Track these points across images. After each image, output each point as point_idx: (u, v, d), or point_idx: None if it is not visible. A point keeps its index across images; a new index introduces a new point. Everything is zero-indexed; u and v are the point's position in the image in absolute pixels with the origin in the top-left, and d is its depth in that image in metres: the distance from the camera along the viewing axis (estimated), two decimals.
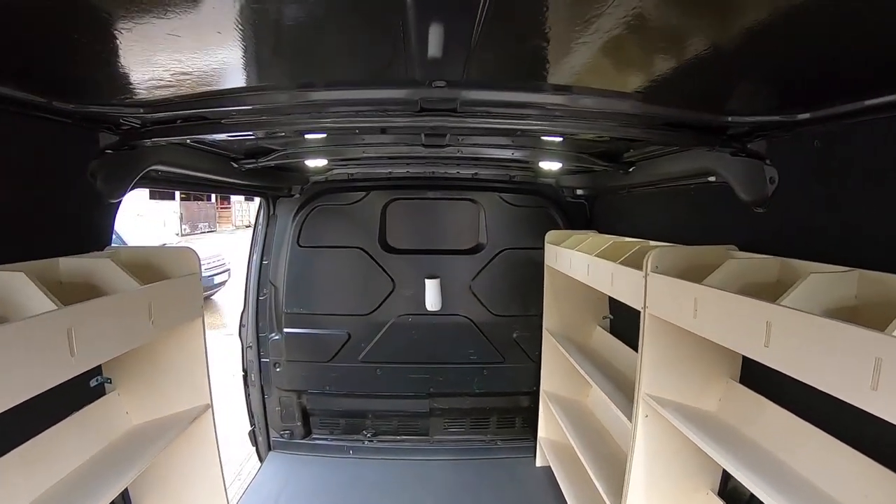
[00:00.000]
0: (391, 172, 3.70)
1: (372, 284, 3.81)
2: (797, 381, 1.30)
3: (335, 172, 3.70)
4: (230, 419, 5.58)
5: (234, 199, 32.01)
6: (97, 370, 2.04)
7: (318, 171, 3.54)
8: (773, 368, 1.90)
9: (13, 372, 1.06)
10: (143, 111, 1.60)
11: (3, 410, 1.03)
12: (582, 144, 2.75)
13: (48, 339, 1.17)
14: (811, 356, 1.26)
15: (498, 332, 3.88)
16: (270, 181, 3.42)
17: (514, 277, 3.84)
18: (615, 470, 2.74)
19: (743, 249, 2.05)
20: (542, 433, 3.77)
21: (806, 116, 1.59)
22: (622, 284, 2.23)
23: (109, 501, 1.55)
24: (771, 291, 1.74)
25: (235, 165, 2.76)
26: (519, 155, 2.79)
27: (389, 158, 3.15)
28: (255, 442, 4.05)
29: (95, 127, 1.80)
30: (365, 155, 2.77)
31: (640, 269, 2.04)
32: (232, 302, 11.10)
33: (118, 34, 1.02)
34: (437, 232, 3.90)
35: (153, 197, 24.99)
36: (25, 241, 1.59)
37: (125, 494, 2.09)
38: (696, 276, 1.85)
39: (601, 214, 3.72)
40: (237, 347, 3.99)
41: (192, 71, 1.27)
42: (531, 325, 3.80)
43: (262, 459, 4.00)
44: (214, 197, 31.37)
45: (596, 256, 2.56)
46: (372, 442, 4.01)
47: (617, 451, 3.00)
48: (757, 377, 2.00)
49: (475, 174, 3.75)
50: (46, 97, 1.43)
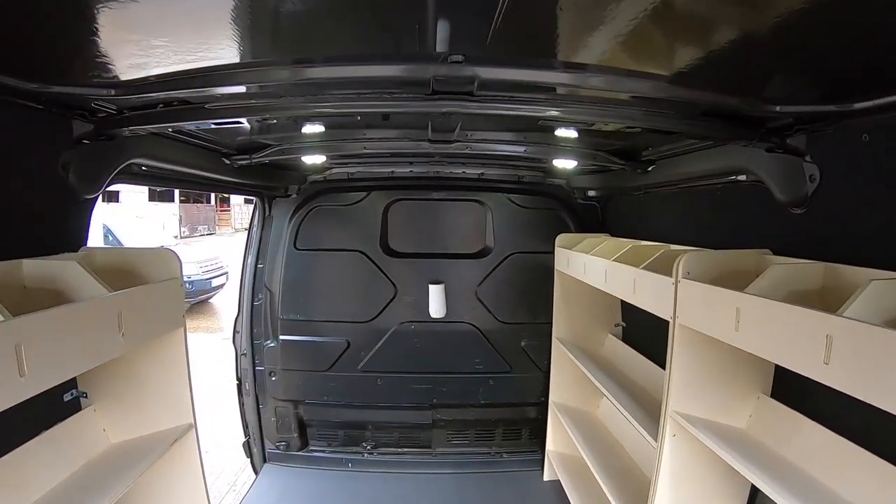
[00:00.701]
0: (393, 172, 3.53)
1: (372, 290, 3.62)
2: (837, 395, 1.16)
3: (334, 171, 3.53)
4: (227, 426, 5.45)
5: (233, 201, 31.91)
6: (71, 383, 1.87)
7: (315, 169, 3.36)
8: (807, 381, 1.75)
9: None
10: (115, 93, 1.42)
11: None
12: (599, 142, 2.59)
13: None
14: (880, 375, 1.09)
15: (505, 340, 3.69)
16: (265, 180, 3.24)
17: (522, 283, 3.65)
18: (631, 486, 2.58)
19: (777, 254, 1.88)
20: (550, 446, 3.59)
21: (864, 105, 1.41)
22: (647, 292, 2.05)
23: None
24: (816, 300, 1.58)
25: (227, 162, 2.58)
26: (531, 152, 2.61)
27: (392, 156, 2.98)
28: (249, 453, 3.86)
29: (67, 114, 1.62)
30: (366, 151, 2.59)
31: (667, 274, 1.87)
32: (230, 305, 10.94)
33: None
34: (441, 234, 3.71)
35: (152, 199, 24.88)
36: None
37: None
38: (730, 283, 1.69)
39: (615, 217, 3.54)
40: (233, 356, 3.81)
41: (168, 43, 1.09)
42: (540, 333, 3.61)
43: (256, 472, 3.81)
44: (214, 199, 31.28)
45: (614, 261, 2.38)
46: (372, 454, 3.82)
47: (631, 465, 2.83)
48: (791, 391, 1.83)
49: (482, 174, 3.58)
50: (3, 75, 1.25)
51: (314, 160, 2.77)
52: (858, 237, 1.60)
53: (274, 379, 3.67)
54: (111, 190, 22.17)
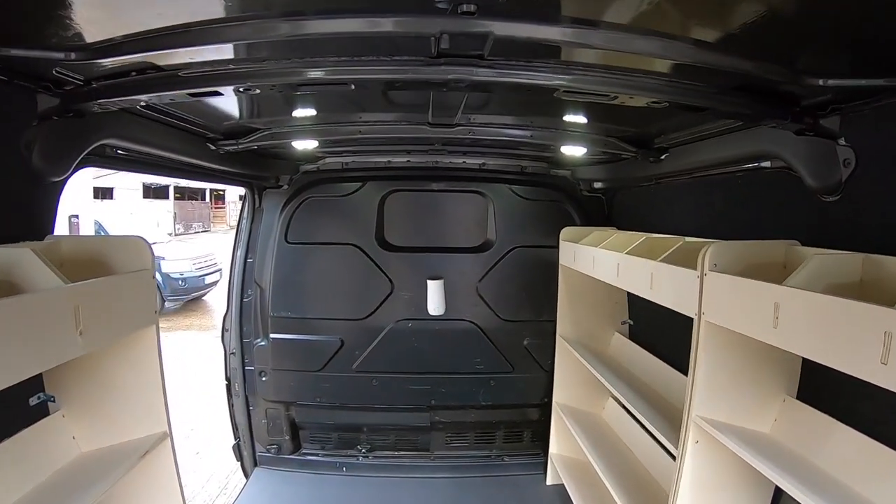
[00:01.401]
0: (390, 162, 3.36)
1: (368, 286, 3.45)
2: (878, 398, 1.06)
3: (327, 161, 3.36)
4: (219, 427, 5.29)
5: (228, 198, 31.64)
6: (37, 386, 1.70)
7: (307, 156, 3.19)
8: (839, 382, 1.60)
9: None
10: (78, 57, 1.25)
11: None
12: (610, 128, 2.44)
13: None
14: None
15: (507, 338, 3.52)
16: (255, 169, 3.07)
17: (525, 279, 3.49)
18: (642, 493, 2.43)
19: (806, 245, 1.73)
20: (553, 449, 3.44)
21: None
22: (666, 287, 1.90)
23: None
24: (856, 293, 1.44)
25: (213, 148, 2.41)
26: (538, 137, 2.44)
27: (388, 143, 2.82)
28: (239, 457, 3.68)
29: (30, 86, 1.45)
30: (360, 136, 2.42)
31: (689, 267, 1.72)
32: (224, 303, 10.76)
33: None
34: (440, 228, 3.53)
35: (146, 196, 24.61)
36: None
37: None
38: (758, 275, 1.54)
39: (622, 210, 3.38)
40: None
41: None
42: (543, 331, 3.46)
43: (247, 475, 3.64)
44: (209, 196, 31.01)
45: (628, 254, 2.23)
46: (367, 458, 3.65)
47: (641, 470, 2.68)
48: (820, 394, 1.69)
49: (483, 164, 3.41)
50: None
51: (305, 146, 2.59)
52: None
53: (264, 379, 3.50)
54: (105, 186, 22.10)
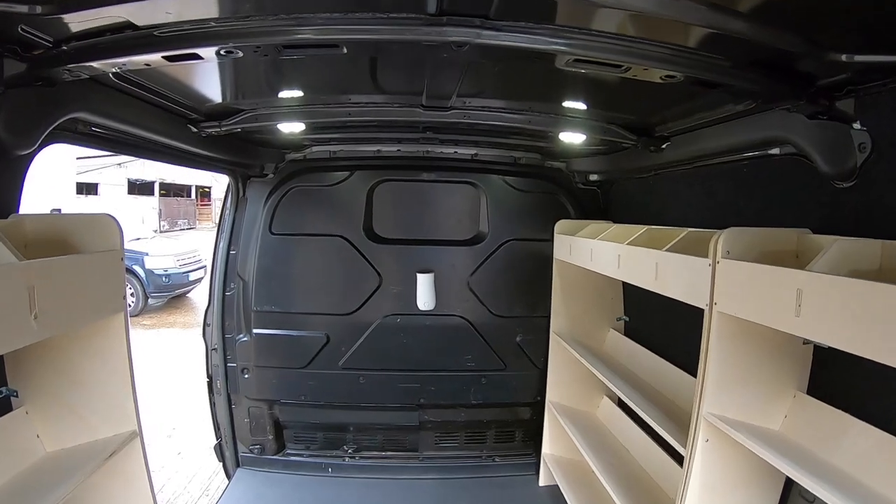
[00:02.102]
0: (379, 151, 3.23)
1: (355, 279, 3.30)
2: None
3: (314, 150, 3.22)
4: (202, 426, 5.12)
5: (214, 195, 31.16)
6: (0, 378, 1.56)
7: (294, 143, 3.05)
8: (854, 377, 1.52)
9: None
10: (42, 10, 1.11)
11: None
12: (610, 115, 2.34)
13: None
14: None
15: (499, 335, 3.40)
16: (239, 155, 2.92)
17: (518, 273, 3.38)
18: (642, 494, 2.34)
19: (817, 234, 1.65)
20: (546, 449, 3.33)
21: None
22: (674, 277, 1.80)
23: None
24: (876, 280, 1.36)
25: (194, 130, 2.27)
26: (536, 123, 2.34)
27: (378, 128, 2.70)
28: (221, 457, 3.53)
29: None
30: (350, 119, 2.29)
31: (698, 256, 1.63)
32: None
33: None
34: (431, 219, 3.40)
35: (132, 192, 24.16)
36: None
37: None
38: (772, 264, 1.44)
39: (619, 203, 3.29)
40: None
41: None
42: (536, 327, 3.36)
43: (229, 477, 3.48)
44: (194, 193, 30.54)
45: (629, 245, 2.13)
46: (353, 459, 3.52)
47: (637, 469, 2.60)
48: (832, 390, 1.61)
49: (475, 155, 3.30)
50: None
51: (292, 129, 2.45)
52: None
53: (247, 377, 3.35)
54: (89, 182, 21.65)
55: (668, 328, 2.74)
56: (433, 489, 3.31)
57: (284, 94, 2.11)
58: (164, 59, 1.30)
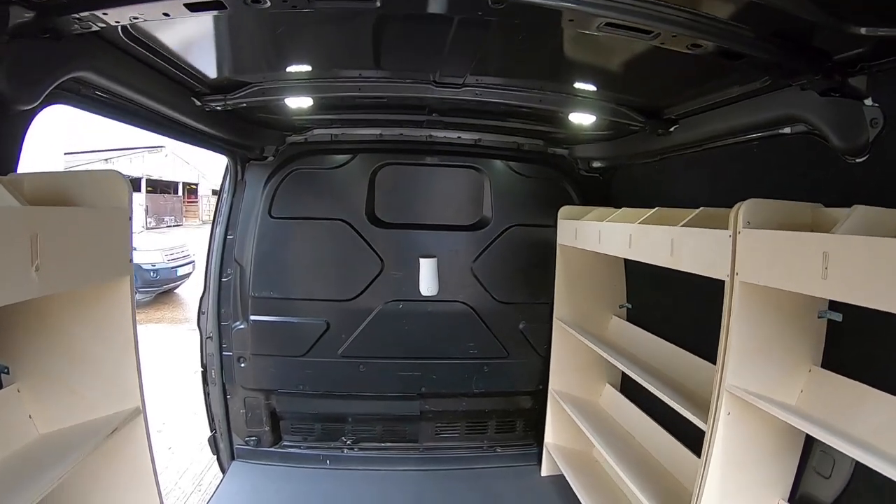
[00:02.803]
0: (381, 135, 3.18)
1: (356, 264, 3.23)
2: None
3: (315, 133, 3.15)
4: (191, 422, 5.03)
5: (201, 192, 30.77)
6: None
7: (297, 122, 2.97)
8: (873, 350, 1.51)
9: None
10: None
11: None
12: (620, 97, 2.33)
13: None
14: None
15: (502, 322, 3.35)
16: (239, 135, 2.85)
17: (521, 259, 3.33)
18: (653, 477, 2.31)
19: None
20: (549, 438, 3.29)
21: None
22: (691, 252, 1.78)
23: None
24: None
25: (198, 103, 2.20)
26: (548, 102, 2.30)
27: (384, 110, 2.64)
28: (215, 450, 3.42)
29: None
30: (360, 95, 2.23)
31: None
32: (197, 296, 10.42)
33: None
34: (434, 204, 3.34)
35: None
36: None
37: None
38: None
39: (622, 189, 3.27)
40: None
41: None
42: (539, 315, 3.32)
43: (224, 470, 3.38)
44: (181, 190, 30.13)
45: (642, 224, 2.11)
46: (352, 450, 3.44)
47: (646, 455, 2.57)
48: (848, 363, 1.60)
49: (479, 140, 3.26)
50: None
51: (300, 104, 2.38)
52: None
53: (243, 365, 3.26)
54: None
55: (671, 314, 2.73)
56: (434, 481, 3.25)
57: (293, 68, 2.06)
58: (185, 6, 1.23)
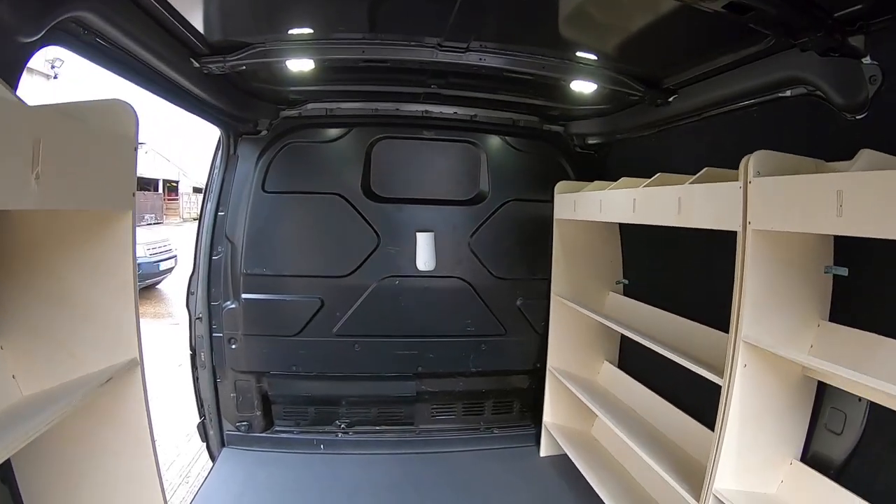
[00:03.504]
0: (377, 110, 3.12)
1: (352, 239, 3.16)
2: None
3: (310, 108, 3.08)
4: (176, 415, 4.89)
5: (182, 190, 30.23)
6: None
7: (296, 88, 2.87)
8: (881, 301, 1.51)
9: None
10: None
11: None
12: (620, 66, 2.33)
13: None
14: None
15: (500, 298, 3.31)
16: (234, 105, 2.76)
17: (519, 234, 3.30)
18: (663, 449, 2.29)
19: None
20: (548, 417, 3.26)
21: None
22: (700, 207, 1.79)
23: None
24: None
25: (196, 64, 2.13)
26: (550, 69, 2.28)
27: (383, 76, 2.59)
28: (205, 437, 3.29)
29: None
30: (363, 58, 2.18)
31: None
32: (179, 291, 10.24)
33: None
34: (431, 179, 3.29)
35: None
36: None
37: (12, 487, 1.41)
38: None
39: (619, 164, 3.26)
40: (184, 335, 3.27)
41: None
42: (537, 291, 3.29)
43: (214, 458, 3.26)
44: (161, 187, 29.57)
45: (646, 187, 2.09)
46: (347, 434, 3.35)
47: (651, 428, 2.55)
48: (856, 316, 1.60)
49: (474, 116, 3.22)
50: None
51: (300, 67, 2.31)
52: None
53: (234, 347, 3.15)
54: None
55: (669, 288, 2.73)
56: (431, 463, 3.18)
57: (295, 30, 2.03)
58: None
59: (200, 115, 2.63)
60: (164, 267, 10.22)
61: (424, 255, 3.14)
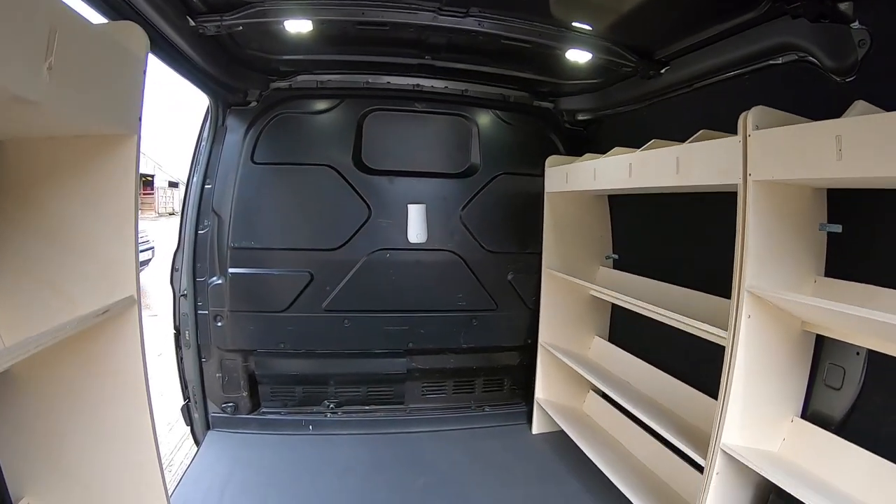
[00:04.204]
0: (368, 83, 3.07)
1: (342, 211, 3.10)
2: None
3: (300, 80, 3.02)
4: (157, 402, 4.75)
5: (157, 184, 29.45)
6: None
7: (289, 57, 2.81)
8: (880, 256, 1.54)
9: None
10: None
11: None
12: (615, 38, 2.35)
13: None
14: None
15: (491, 272, 3.30)
16: (224, 73, 2.69)
17: (510, 208, 3.30)
18: (661, 415, 2.30)
19: None
20: (540, 394, 3.26)
21: None
22: (699, 165, 1.81)
23: None
24: None
25: (192, 24, 2.06)
26: (547, 37, 2.29)
27: (378, 43, 2.56)
28: (189, 420, 3.19)
29: None
30: (363, 20, 2.13)
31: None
32: (157, 283, 9.92)
33: None
34: (423, 151, 3.26)
35: None
36: None
37: None
38: None
39: (609, 138, 3.28)
40: (163, 326, 3.18)
41: None
42: (527, 265, 3.30)
43: (198, 442, 3.16)
44: None
45: (643, 151, 2.11)
46: (336, 414, 3.29)
47: (649, 399, 2.56)
48: (852, 271, 1.63)
49: (465, 91, 3.21)
50: None
51: (298, 27, 2.25)
52: None
53: (220, 324, 3.07)
54: None
55: (657, 259, 2.75)
56: (422, 442, 3.14)
57: None
58: None
59: (191, 79, 2.55)
60: (141, 258, 9.92)
61: (416, 227, 3.11)
